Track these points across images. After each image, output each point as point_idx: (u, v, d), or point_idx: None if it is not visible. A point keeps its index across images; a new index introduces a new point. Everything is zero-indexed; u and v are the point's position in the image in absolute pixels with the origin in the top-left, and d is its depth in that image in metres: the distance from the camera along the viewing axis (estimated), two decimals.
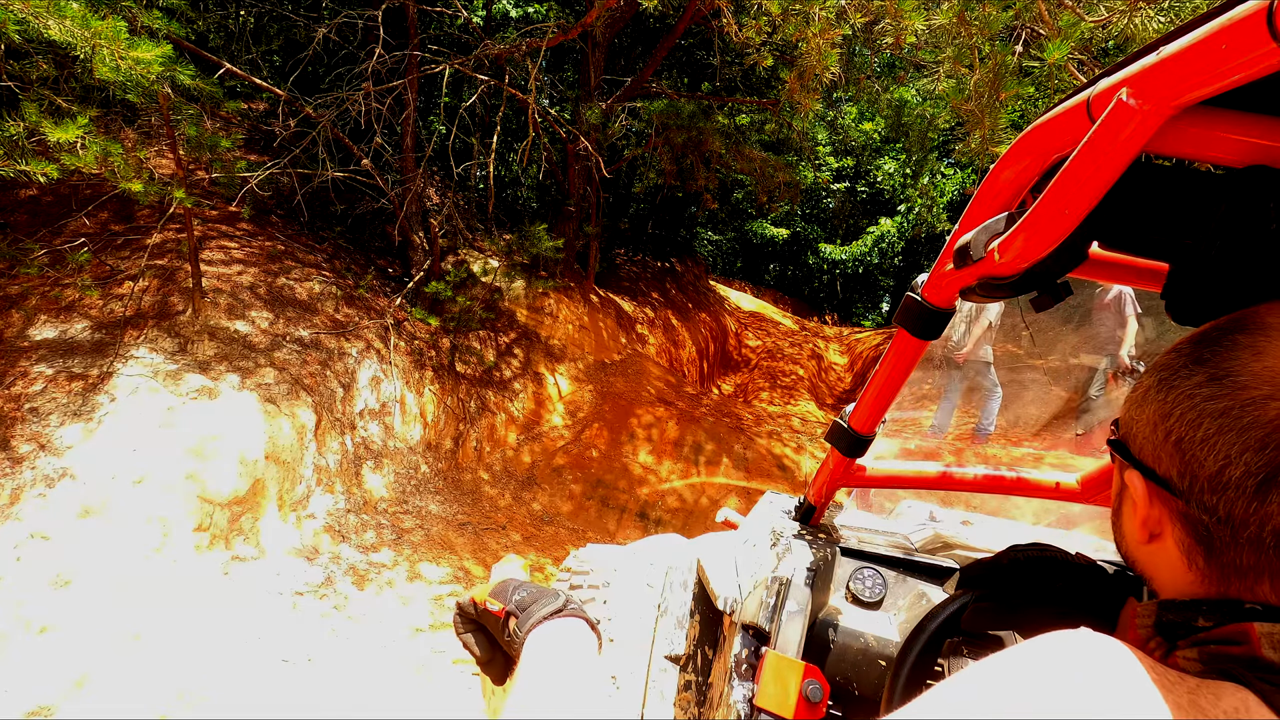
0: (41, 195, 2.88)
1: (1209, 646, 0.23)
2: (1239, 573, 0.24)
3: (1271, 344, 0.24)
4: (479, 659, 0.45)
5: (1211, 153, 0.30)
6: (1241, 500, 0.23)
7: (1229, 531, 0.24)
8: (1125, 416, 0.30)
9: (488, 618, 0.43)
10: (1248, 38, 0.22)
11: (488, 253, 4.40)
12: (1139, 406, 0.29)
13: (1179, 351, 0.28)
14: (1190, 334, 0.29)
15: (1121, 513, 0.30)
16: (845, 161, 9.27)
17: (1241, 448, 0.23)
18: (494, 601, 0.43)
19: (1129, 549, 0.30)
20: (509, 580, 0.44)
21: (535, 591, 0.42)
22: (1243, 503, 0.23)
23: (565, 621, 0.39)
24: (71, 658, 1.62)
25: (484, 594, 0.44)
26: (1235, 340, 0.25)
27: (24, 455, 1.94)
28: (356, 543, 2.57)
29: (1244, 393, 0.24)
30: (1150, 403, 0.28)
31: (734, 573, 0.95)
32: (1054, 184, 0.32)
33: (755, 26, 2.68)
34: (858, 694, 0.73)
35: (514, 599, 0.42)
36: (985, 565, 0.58)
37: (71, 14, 1.53)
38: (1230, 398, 0.24)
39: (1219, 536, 0.24)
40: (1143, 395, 0.28)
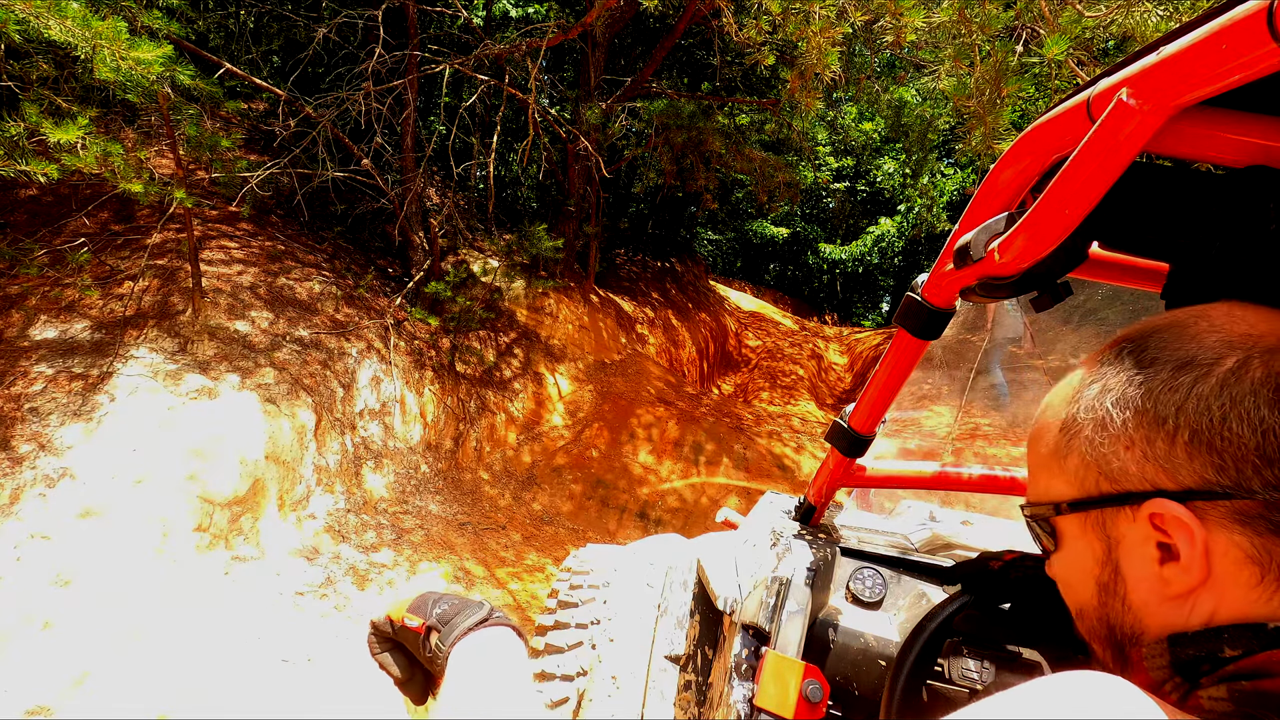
0: (41, 195, 2.88)
1: (1239, 683, 0.20)
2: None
3: (1196, 326, 0.23)
4: (397, 679, 0.43)
5: (1211, 153, 0.30)
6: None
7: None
8: (1071, 467, 0.25)
9: (406, 634, 0.41)
10: (1248, 38, 0.22)
11: (488, 253, 4.40)
12: (1094, 442, 0.24)
13: (1098, 378, 0.25)
14: (1103, 351, 0.26)
15: (1121, 581, 0.24)
16: (845, 161, 9.27)
17: (1272, 410, 0.21)
18: (412, 617, 0.40)
19: (1149, 623, 0.23)
20: (428, 593, 0.42)
21: (458, 603, 0.40)
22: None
23: (492, 631, 0.37)
24: (72, 657, 1.62)
25: (401, 610, 0.42)
26: (1164, 336, 0.24)
27: (24, 455, 1.94)
28: (357, 543, 2.57)
29: (1225, 362, 0.22)
30: (1110, 426, 0.24)
31: (734, 573, 0.95)
32: (1054, 184, 0.32)
33: (756, 26, 2.69)
34: (858, 694, 0.74)
35: (435, 613, 0.39)
36: (977, 566, 0.58)
37: (72, 14, 1.53)
38: (1216, 374, 0.22)
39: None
40: (1095, 427, 0.24)
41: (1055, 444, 0.26)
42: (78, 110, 1.90)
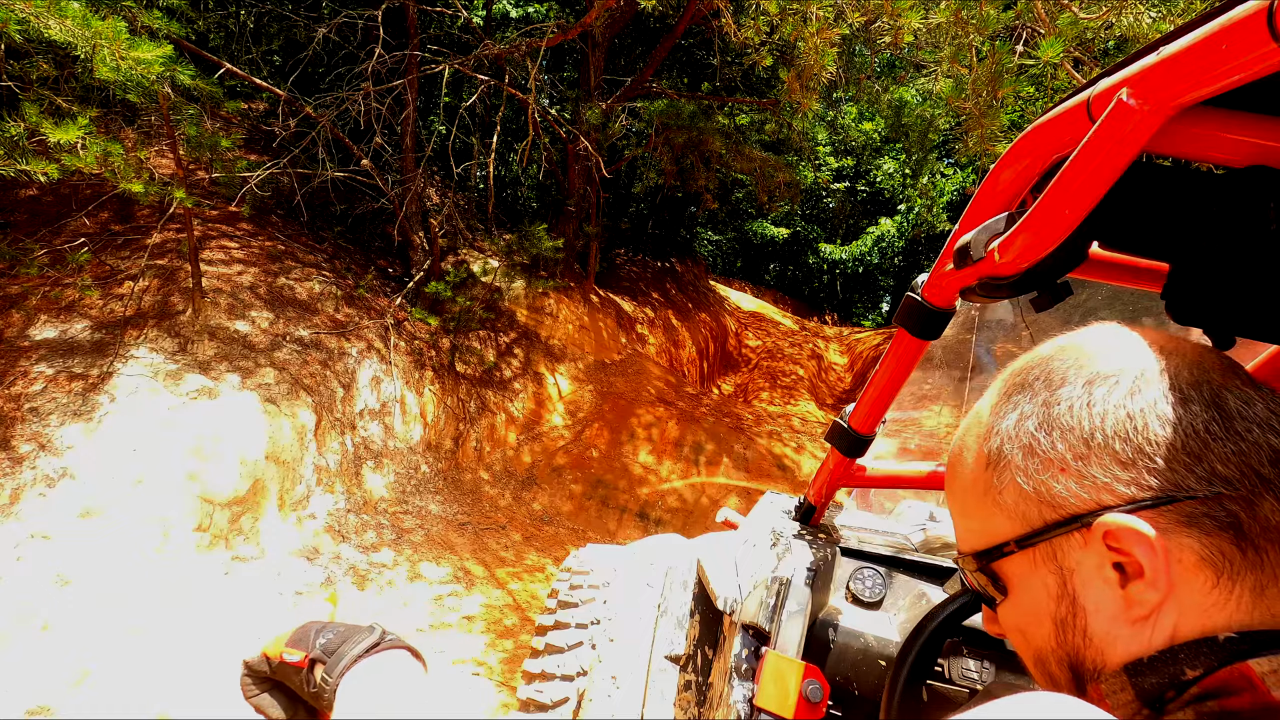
0: (42, 195, 2.88)
1: (1205, 704, 0.19)
2: (1275, 535, 0.20)
3: (1090, 346, 0.24)
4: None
5: (1211, 153, 0.30)
6: (1226, 447, 0.20)
7: (1246, 485, 0.20)
8: (1008, 502, 0.24)
9: (286, 671, 0.38)
10: (1248, 38, 0.22)
11: (488, 253, 4.40)
12: (1027, 471, 0.23)
13: (1013, 407, 0.24)
14: (996, 399, 0.26)
15: (1080, 613, 0.22)
16: (845, 161, 9.28)
17: (1185, 408, 0.21)
18: (293, 651, 0.38)
19: (1111, 653, 0.22)
20: (310, 624, 0.39)
21: (344, 630, 0.37)
22: (1229, 447, 0.20)
23: (385, 655, 0.35)
24: (72, 657, 1.62)
25: (278, 646, 0.39)
26: (1065, 359, 0.24)
27: (24, 455, 1.94)
28: (357, 543, 2.57)
29: (1130, 371, 0.23)
30: (1039, 452, 0.23)
31: (734, 573, 0.95)
32: (1054, 184, 0.32)
33: (754, 26, 2.69)
34: (858, 694, 0.74)
35: (318, 644, 0.37)
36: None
37: (72, 14, 1.53)
38: (1125, 382, 0.23)
39: (1235, 501, 0.20)
40: (1025, 455, 0.23)
41: (985, 483, 0.25)
42: (78, 110, 1.90)
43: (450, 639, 2.14)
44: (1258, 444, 0.21)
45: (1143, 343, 0.24)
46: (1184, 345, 0.24)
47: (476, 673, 1.98)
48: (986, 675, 0.67)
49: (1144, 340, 0.24)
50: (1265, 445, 0.21)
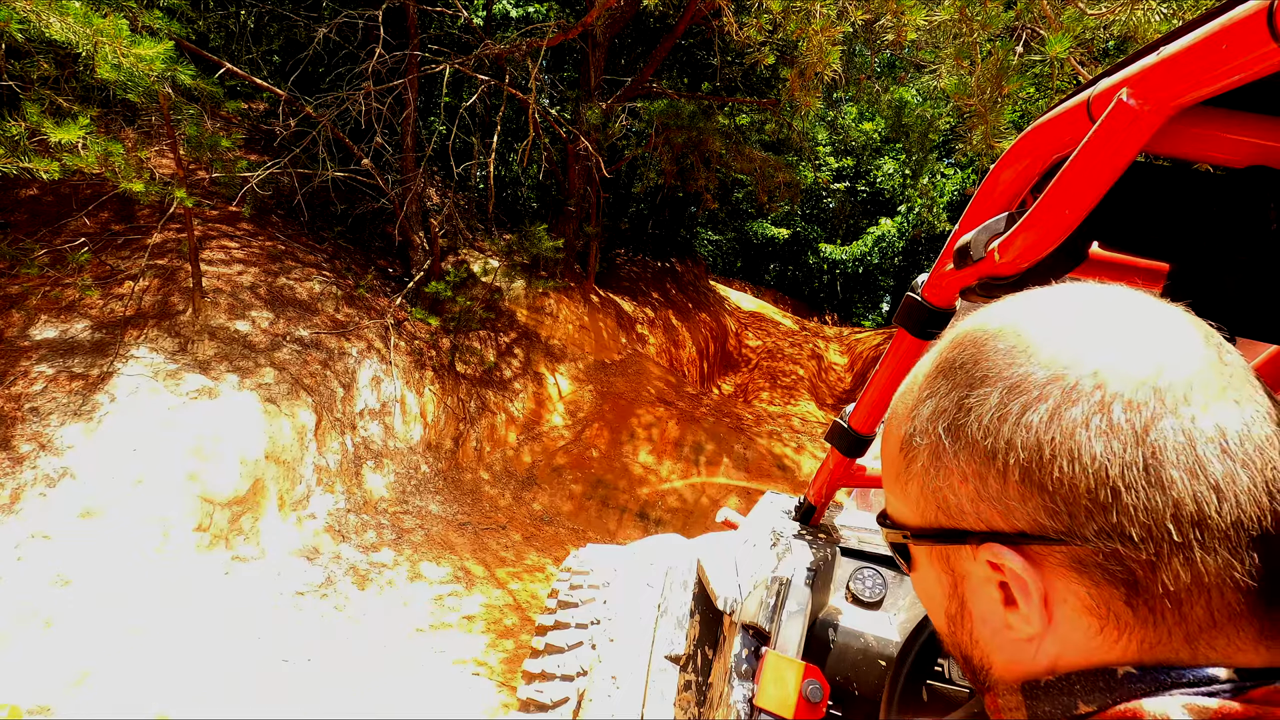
0: (42, 195, 2.88)
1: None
2: (1173, 603, 0.18)
3: (1033, 332, 0.20)
4: None
5: (1211, 153, 0.30)
6: (1142, 495, 0.18)
7: (1151, 547, 0.18)
8: (913, 494, 0.23)
9: None
10: (1248, 38, 0.22)
11: (488, 253, 4.40)
12: (930, 472, 0.22)
13: (933, 393, 0.22)
14: (928, 372, 0.23)
15: (967, 617, 0.22)
16: (845, 161, 9.28)
17: (1105, 445, 0.18)
18: None
19: (995, 660, 0.22)
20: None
21: None
22: (1145, 498, 0.18)
23: None
24: (72, 656, 1.62)
25: None
26: (998, 345, 0.21)
27: (25, 455, 1.94)
28: (357, 543, 2.57)
29: (1055, 386, 0.19)
30: (943, 456, 0.21)
31: (734, 573, 0.95)
32: (1054, 184, 0.32)
33: (756, 25, 2.69)
34: (858, 694, 0.73)
35: None
36: None
37: (73, 13, 1.53)
38: (1048, 401, 0.19)
39: (1138, 562, 0.19)
40: (930, 454, 0.22)
41: (897, 466, 0.24)
42: (79, 110, 1.91)
43: (450, 639, 2.14)
44: (1179, 500, 0.18)
45: (1105, 332, 0.20)
46: (1162, 336, 0.19)
47: (477, 673, 1.98)
48: None
49: (1111, 326, 0.20)
50: (1190, 500, 0.18)
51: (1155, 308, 0.21)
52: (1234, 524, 0.18)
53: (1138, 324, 0.20)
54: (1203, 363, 0.19)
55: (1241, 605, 0.18)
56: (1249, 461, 0.18)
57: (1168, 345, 0.20)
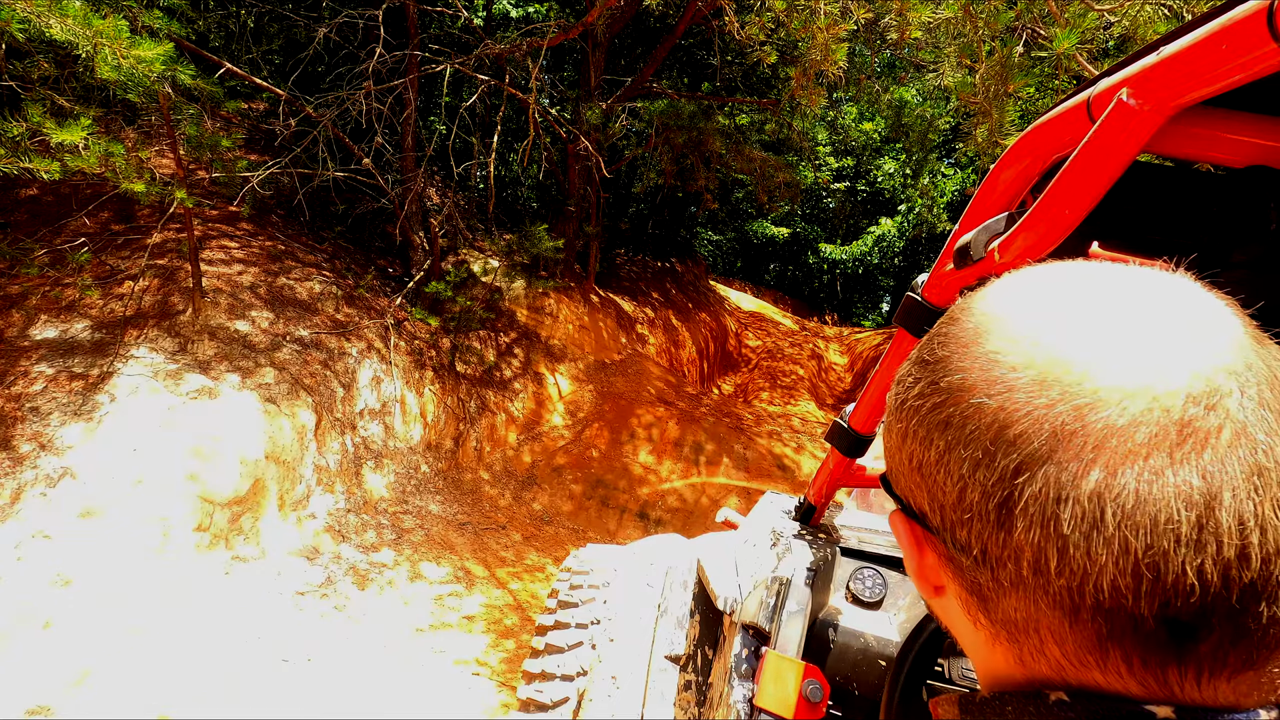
0: (42, 195, 2.88)
1: None
2: (1020, 631, 0.18)
3: (975, 330, 0.19)
4: None
5: (1211, 153, 0.30)
6: (988, 530, 0.18)
7: (990, 573, 0.18)
8: (884, 444, 0.23)
9: None
10: (1248, 38, 0.22)
11: (488, 253, 4.40)
12: (887, 430, 0.22)
13: (910, 359, 0.22)
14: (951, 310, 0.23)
15: (924, 569, 0.22)
16: (845, 161, 9.28)
17: (972, 465, 0.18)
18: None
19: (931, 609, 0.23)
20: None
21: None
22: (990, 533, 0.18)
23: None
24: (72, 656, 1.62)
25: None
26: (946, 335, 0.20)
27: (25, 454, 1.94)
28: (357, 543, 2.57)
29: (960, 395, 0.18)
30: (894, 423, 0.22)
31: (734, 573, 0.95)
32: (1054, 184, 0.32)
33: (759, 24, 2.68)
34: (858, 694, 0.74)
35: None
36: None
37: (73, 13, 1.53)
38: (951, 404, 0.19)
39: (982, 582, 0.19)
40: (890, 415, 0.22)
41: (890, 403, 0.23)
42: (80, 110, 1.91)
43: (451, 639, 2.14)
44: (1019, 546, 0.17)
45: (1048, 334, 0.18)
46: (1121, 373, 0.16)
47: (477, 673, 1.98)
48: None
49: (1058, 329, 0.18)
50: (1038, 544, 0.17)
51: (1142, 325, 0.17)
52: (1080, 591, 0.16)
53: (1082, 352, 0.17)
54: (1160, 414, 0.16)
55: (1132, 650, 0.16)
56: (1121, 541, 0.16)
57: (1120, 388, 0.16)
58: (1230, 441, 0.16)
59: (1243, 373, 0.16)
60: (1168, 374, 0.16)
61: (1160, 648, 0.16)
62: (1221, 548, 0.15)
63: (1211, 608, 0.16)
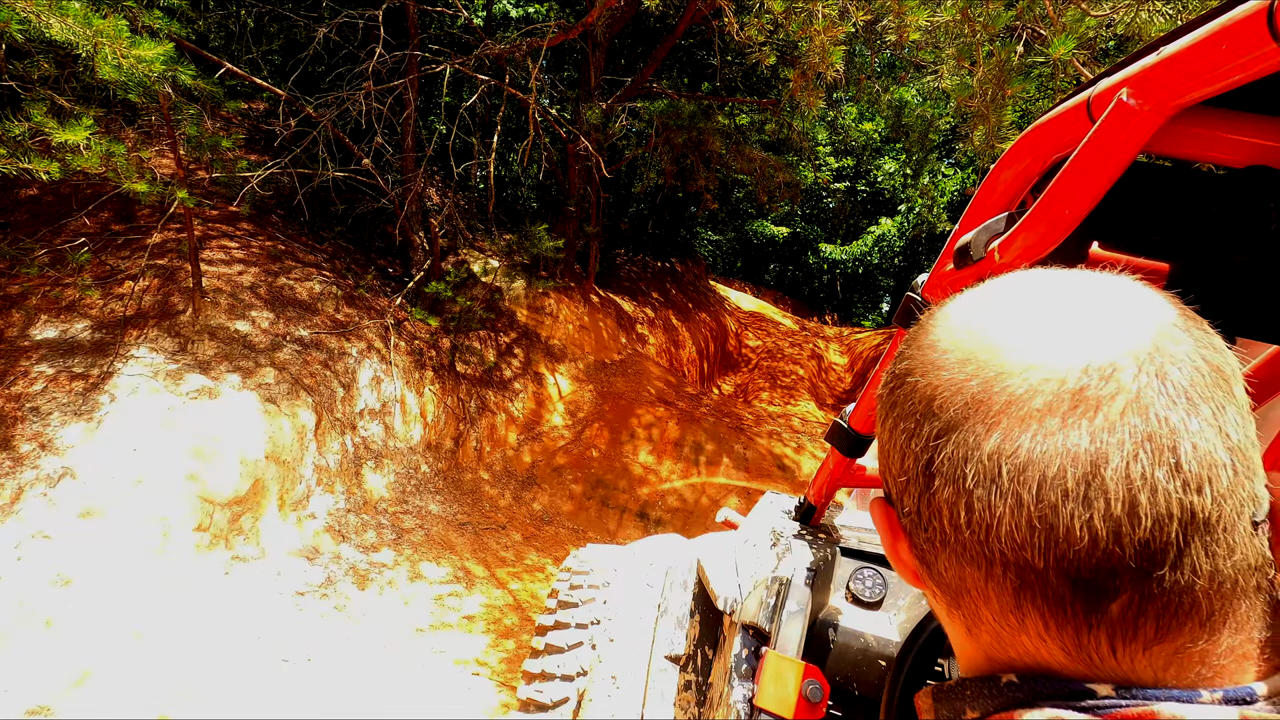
0: (42, 195, 2.88)
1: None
2: (955, 594, 0.19)
3: (927, 325, 0.21)
4: None
5: (1211, 153, 0.30)
6: (918, 490, 0.19)
7: (924, 534, 0.20)
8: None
9: None
10: (1248, 38, 0.22)
11: (488, 253, 4.40)
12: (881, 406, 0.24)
13: (919, 322, 0.23)
14: None
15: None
16: (845, 161, 9.28)
17: (907, 435, 0.20)
18: None
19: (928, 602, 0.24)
20: None
21: None
22: (919, 493, 0.19)
23: None
24: (72, 656, 1.62)
25: None
26: (909, 335, 0.22)
27: (25, 454, 1.94)
28: (357, 543, 2.57)
29: (904, 379, 0.20)
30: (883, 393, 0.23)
31: (734, 573, 0.95)
32: (1054, 184, 0.32)
33: (758, 25, 2.68)
34: (858, 694, 0.74)
35: None
36: None
37: (73, 13, 1.53)
38: (898, 386, 0.21)
39: (922, 544, 0.20)
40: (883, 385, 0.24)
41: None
42: (81, 110, 1.91)
43: (451, 639, 2.14)
44: (941, 504, 0.18)
45: (978, 323, 0.19)
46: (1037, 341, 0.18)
47: (477, 673, 1.98)
48: None
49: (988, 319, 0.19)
50: (951, 501, 0.18)
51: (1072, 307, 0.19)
52: (987, 544, 0.17)
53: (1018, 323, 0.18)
54: (1055, 384, 0.17)
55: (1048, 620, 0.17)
56: (1015, 495, 0.17)
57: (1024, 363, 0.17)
58: (1123, 410, 0.16)
59: (1149, 353, 0.17)
60: (1070, 351, 0.17)
61: (1069, 608, 0.17)
62: (1110, 505, 0.16)
63: (1109, 566, 0.16)
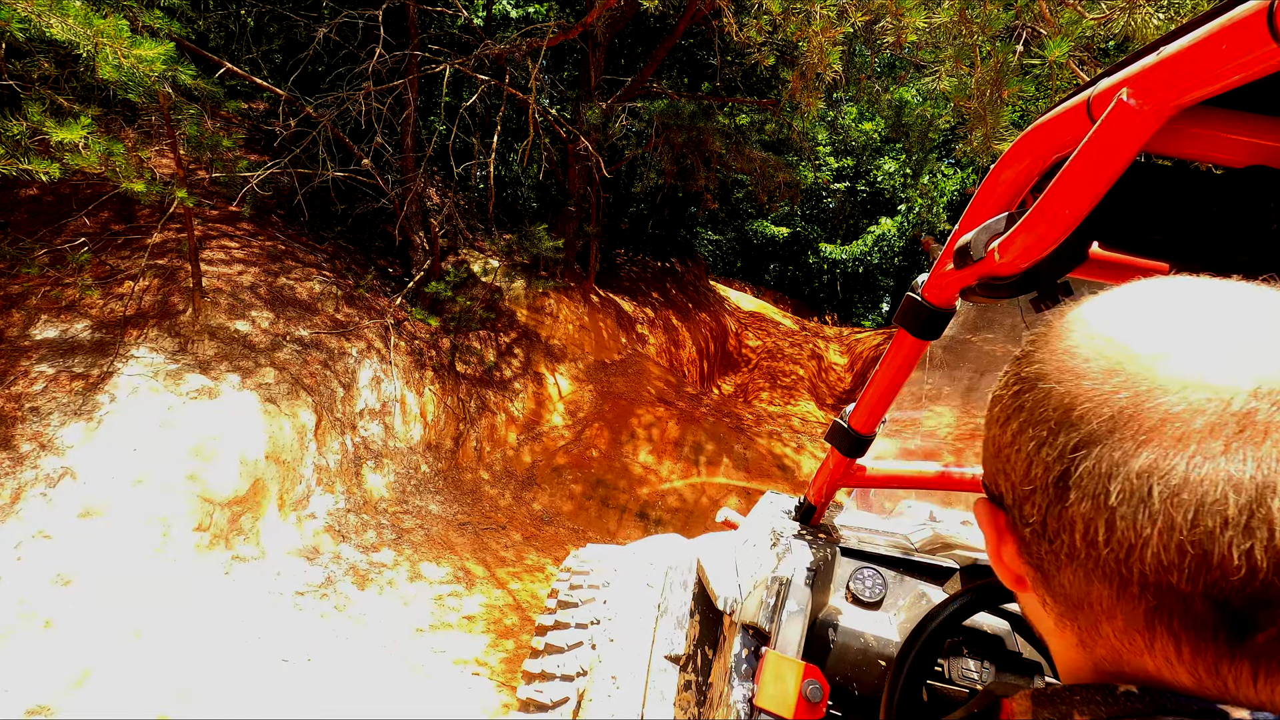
0: (42, 195, 2.88)
1: None
2: (1075, 606, 0.19)
3: (1060, 330, 0.20)
4: None
5: (1211, 153, 0.30)
6: (1047, 502, 0.19)
7: (1048, 545, 0.19)
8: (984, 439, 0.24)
9: None
10: (1248, 38, 0.22)
11: (488, 253, 4.40)
12: (985, 425, 0.23)
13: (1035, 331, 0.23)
14: None
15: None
16: (845, 161, 9.28)
17: (1038, 443, 0.19)
18: None
19: (1020, 605, 0.23)
20: None
21: None
22: (1048, 505, 0.19)
23: None
24: (72, 656, 1.62)
25: None
26: (1036, 334, 0.22)
27: (26, 454, 1.94)
28: (357, 543, 2.57)
29: (1036, 383, 0.20)
30: (987, 415, 0.23)
31: (734, 573, 0.95)
32: (1054, 184, 0.32)
33: (756, 26, 2.69)
34: (858, 694, 0.74)
35: None
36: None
37: (74, 13, 1.53)
38: (1027, 391, 0.20)
39: (1043, 555, 0.19)
40: (986, 410, 0.23)
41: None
42: (80, 109, 1.91)
43: (451, 639, 2.14)
44: (1076, 518, 0.18)
45: (1124, 331, 0.18)
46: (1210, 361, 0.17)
47: (478, 673, 1.98)
48: (986, 675, 0.67)
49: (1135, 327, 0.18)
50: (1088, 516, 0.17)
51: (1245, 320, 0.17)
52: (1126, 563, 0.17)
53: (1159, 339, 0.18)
54: (1220, 405, 0.16)
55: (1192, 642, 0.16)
56: (1167, 517, 0.16)
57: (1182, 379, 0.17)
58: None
59: None
60: (1235, 371, 0.16)
61: (1211, 635, 0.16)
62: (1274, 535, 0.15)
63: (1265, 598, 0.15)
